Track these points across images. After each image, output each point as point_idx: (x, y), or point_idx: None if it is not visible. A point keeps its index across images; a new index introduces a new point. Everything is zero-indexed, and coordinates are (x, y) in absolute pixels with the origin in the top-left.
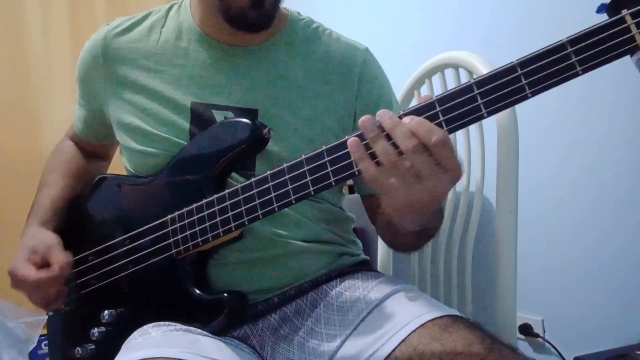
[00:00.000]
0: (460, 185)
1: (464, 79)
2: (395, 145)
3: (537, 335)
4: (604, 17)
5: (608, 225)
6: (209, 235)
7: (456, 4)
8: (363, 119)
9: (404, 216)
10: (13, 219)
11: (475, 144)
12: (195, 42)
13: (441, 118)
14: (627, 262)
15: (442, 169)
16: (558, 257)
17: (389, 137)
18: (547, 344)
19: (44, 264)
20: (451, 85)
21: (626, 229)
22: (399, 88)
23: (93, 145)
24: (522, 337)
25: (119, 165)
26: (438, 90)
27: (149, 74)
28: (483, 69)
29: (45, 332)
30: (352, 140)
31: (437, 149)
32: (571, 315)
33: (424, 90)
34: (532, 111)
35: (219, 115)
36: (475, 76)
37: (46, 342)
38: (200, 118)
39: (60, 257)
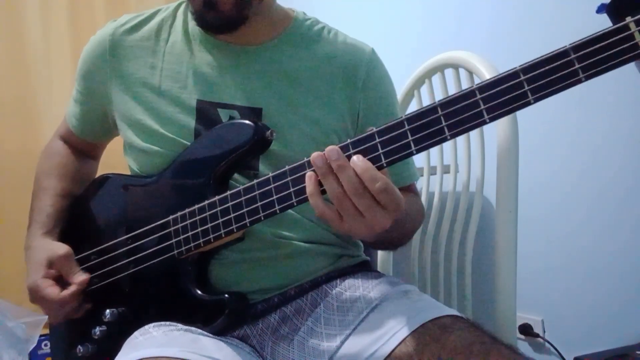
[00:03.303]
0: (460, 185)
1: (464, 79)
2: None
3: (537, 335)
4: (603, 17)
5: (608, 225)
6: (211, 236)
7: (457, 4)
8: (314, 155)
9: (355, 237)
10: (13, 219)
11: (475, 144)
12: (201, 41)
13: (443, 123)
14: (627, 262)
15: (382, 208)
16: (558, 257)
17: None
18: (547, 344)
19: (60, 277)
20: (451, 85)
21: (626, 229)
22: (399, 88)
23: (86, 143)
24: (522, 337)
25: (117, 164)
26: (438, 91)
27: (155, 71)
28: (483, 69)
29: (45, 332)
30: (308, 175)
31: (380, 195)
32: (571, 315)
33: (424, 90)
34: (532, 111)
35: (224, 114)
36: (475, 76)
37: (46, 342)
38: (205, 116)
39: (77, 273)
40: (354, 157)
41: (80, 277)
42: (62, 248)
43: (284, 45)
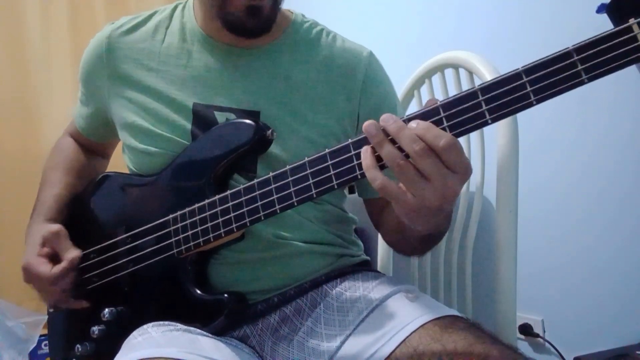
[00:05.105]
0: None
1: (464, 79)
2: (400, 149)
3: (537, 335)
4: (604, 17)
5: (608, 225)
6: (211, 235)
7: (456, 4)
8: (366, 124)
9: (416, 219)
10: (13, 218)
11: (475, 144)
12: (198, 43)
13: (445, 124)
14: (627, 262)
15: (450, 171)
16: (558, 257)
17: (393, 142)
18: (547, 344)
19: (54, 255)
20: (451, 85)
21: (626, 229)
22: (399, 88)
23: (94, 142)
24: (522, 337)
25: (119, 163)
26: (438, 91)
27: (151, 73)
28: (483, 69)
29: (45, 332)
30: (364, 149)
31: (446, 153)
32: (571, 315)
33: (424, 90)
34: (532, 111)
35: (220, 117)
36: (475, 76)
37: (46, 342)
38: (202, 119)
39: (69, 250)
40: (411, 123)
41: (71, 254)
42: (55, 226)
43: (282, 47)
